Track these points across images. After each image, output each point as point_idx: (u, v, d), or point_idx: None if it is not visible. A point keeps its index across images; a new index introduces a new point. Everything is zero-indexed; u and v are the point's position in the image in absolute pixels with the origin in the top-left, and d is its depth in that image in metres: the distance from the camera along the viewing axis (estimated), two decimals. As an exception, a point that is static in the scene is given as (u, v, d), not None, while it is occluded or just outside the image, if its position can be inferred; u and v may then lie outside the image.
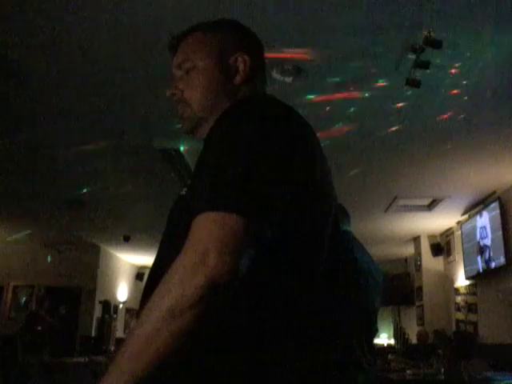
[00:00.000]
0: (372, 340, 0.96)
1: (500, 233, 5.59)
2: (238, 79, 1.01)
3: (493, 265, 5.78)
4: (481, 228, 6.16)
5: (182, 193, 0.96)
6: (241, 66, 1.02)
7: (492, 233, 5.84)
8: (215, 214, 0.73)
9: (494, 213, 5.77)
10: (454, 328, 7.08)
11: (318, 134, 0.95)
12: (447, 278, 7.69)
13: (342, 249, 0.94)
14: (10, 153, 4.75)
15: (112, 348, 8.00)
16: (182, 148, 4.49)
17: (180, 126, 1.06)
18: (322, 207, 0.90)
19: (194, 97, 1.00)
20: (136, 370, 0.68)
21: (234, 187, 0.75)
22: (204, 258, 0.69)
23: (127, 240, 8.01)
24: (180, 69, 1.04)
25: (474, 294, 6.57)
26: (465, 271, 6.71)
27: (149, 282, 0.88)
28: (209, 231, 0.72)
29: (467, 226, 6.64)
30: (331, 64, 3.21)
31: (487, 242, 5.97)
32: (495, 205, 5.73)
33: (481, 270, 6.12)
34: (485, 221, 6.04)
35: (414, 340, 7.32)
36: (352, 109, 3.80)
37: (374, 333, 0.96)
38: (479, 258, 6.16)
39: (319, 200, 0.90)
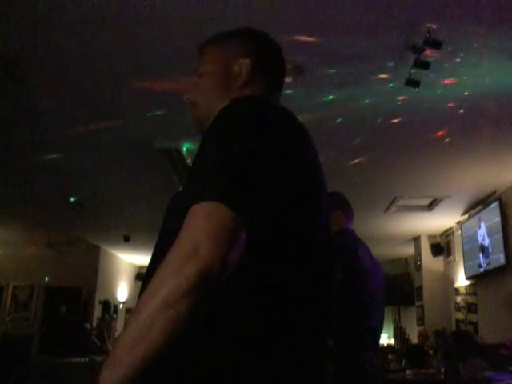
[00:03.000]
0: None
1: (500, 233, 5.59)
2: (238, 83, 1.07)
3: (493, 265, 5.78)
4: (481, 228, 6.16)
5: (178, 191, 0.98)
6: (242, 71, 1.07)
7: (492, 233, 5.84)
8: (205, 204, 0.74)
9: (493, 213, 5.77)
10: (454, 328, 7.09)
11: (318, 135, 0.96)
12: (447, 278, 7.69)
13: (331, 251, 0.97)
14: (9, 152, 4.75)
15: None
16: (182, 148, 4.49)
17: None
18: (312, 205, 0.92)
19: (201, 100, 1.09)
20: (132, 360, 0.69)
21: (224, 180, 0.77)
22: (195, 249, 0.71)
23: (127, 240, 8.01)
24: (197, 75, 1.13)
25: (474, 293, 6.57)
26: (465, 271, 6.71)
27: (145, 278, 0.90)
28: (200, 222, 0.74)
29: (467, 226, 6.64)
30: (331, 64, 3.21)
31: (487, 241, 5.97)
32: (495, 205, 5.73)
33: (481, 270, 6.11)
34: (485, 221, 6.04)
35: (414, 340, 7.32)
36: (351, 109, 3.80)
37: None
38: (479, 258, 6.15)
39: (310, 197, 0.91)
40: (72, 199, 6.01)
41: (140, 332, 0.70)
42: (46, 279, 8.84)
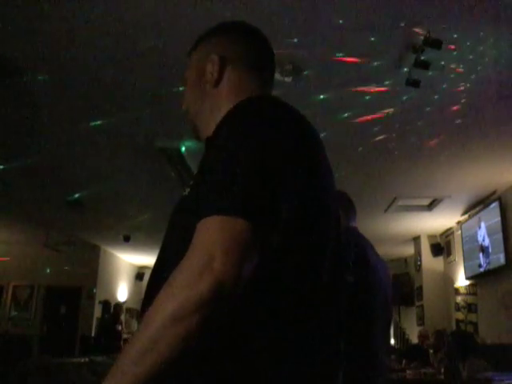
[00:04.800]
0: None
1: (500, 233, 5.59)
2: (210, 80, 1.03)
3: (493, 265, 5.78)
4: (481, 228, 6.16)
5: (184, 193, 0.96)
6: (209, 68, 1.03)
7: (492, 233, 5.84)
8: (220, 217, 0.72)
9: (493, 213, 5.77)
10: (454, 328, 7.09)
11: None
12: (447, 278, 7.69)
13: (342, 260, 0.95)
14: (9, 152, 4.75)
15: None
16: (182, 148, 4.49)
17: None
18: (326, 215, 0.90)
19: (185, 106, 1.09)
20: (138, 372, 0.68)
21: (239, 191, 0.74)
22: (209, 263, 0.69)
23: (127, 240, 8.01)
24: None
25: (474, 294, 6.57)
26: (465, 271, 6.71)
27: (150, 284, 0.88)
28: (214, 235, 0.71)
29: (467, 226, 6.64)
30: (331, 64, 3.21)
31: (487, 241, 5.97)
32: (495, 205, 5.73)
33: (481, 270, 6.12)
34: (485, 221, 6.04)
35: (414, 340, 7.32)
36: (352, 109, 3.80)
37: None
38: (479, 258, 6.15)
39: (323, 207, 0.90)
40: (72, 199, 6.02)
41: (148, 344, 0.68)
42: (46, 280, 8.86)
